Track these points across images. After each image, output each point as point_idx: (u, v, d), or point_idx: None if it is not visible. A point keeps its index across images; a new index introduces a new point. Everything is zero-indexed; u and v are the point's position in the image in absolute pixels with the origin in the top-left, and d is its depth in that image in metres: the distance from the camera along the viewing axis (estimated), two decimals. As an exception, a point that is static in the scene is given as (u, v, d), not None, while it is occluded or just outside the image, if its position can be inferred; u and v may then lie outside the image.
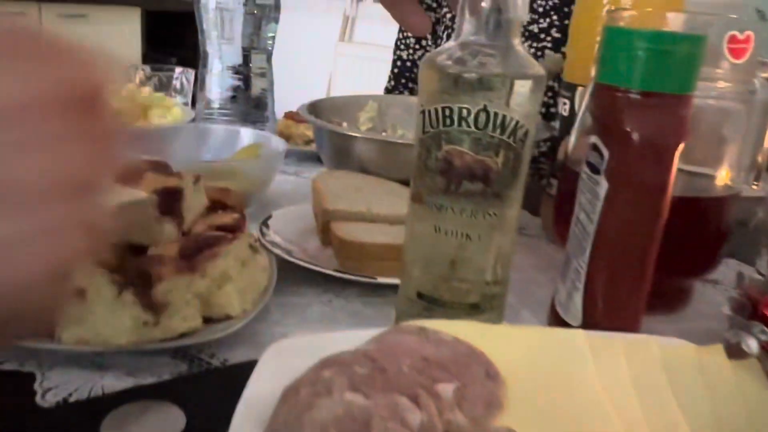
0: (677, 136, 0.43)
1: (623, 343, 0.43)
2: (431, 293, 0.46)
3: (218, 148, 0.77)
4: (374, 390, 0.36)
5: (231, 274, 0.45)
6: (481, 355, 0.41)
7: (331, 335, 0.43)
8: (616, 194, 0.45)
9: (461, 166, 0.43)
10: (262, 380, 0.38)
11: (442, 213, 0.44)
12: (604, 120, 0.45)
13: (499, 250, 0.46)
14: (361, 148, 0.70)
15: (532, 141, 0.44)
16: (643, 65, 0.43)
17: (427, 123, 0.43)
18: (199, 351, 0.45)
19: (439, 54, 0.43)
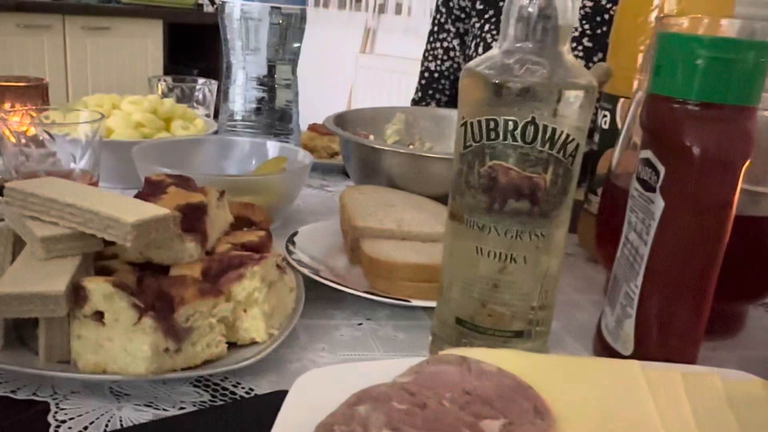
0: (741, 151, 0.40)
1: (682, 376, 0.39)
2: (471, 318, 0.43)
3: (242, 161, 0.75)
4: (414, 428, 0.33)
5: (257, 296, 0.42)
6: (529, 389, 0.38)
7: (365, 365, 0.40)
8: (673, 213, 0.41)
9: (506, 183, 0.40)
10: (292, 415, 0.35)
11: (485, 233, 0.41)
12: (659, 134, 0.42)
13: (546, 273, 0.42)
14: (389, 162, 0.67)
15: (581, 156, 0.41)
16: (703, 74, 0.39)
17: (469, 136, 0.40)
18: (222, 379, 0.42)
19: (482, 62, 0.40)
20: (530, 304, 0.43)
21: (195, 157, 0.73)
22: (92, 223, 0.41)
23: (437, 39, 1.18)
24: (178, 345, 0.38)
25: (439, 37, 1.17)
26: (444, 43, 1.16)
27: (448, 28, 1.15)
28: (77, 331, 0.38)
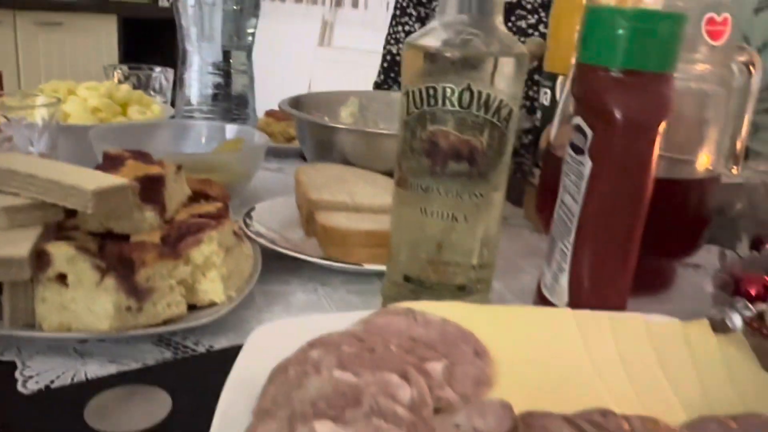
0: (659, 113, 0.44)
1: (610, 320, 0.43)
2: (418, 276, 0.46)
3: (200, 144, 0.77)
4: (363, 368, 0.36)
5: (215, 260, 0.45)
6: (469, 335, 0.41)
7: (318, 317, 0.43)
8: (600, 173, 0.45)
9: (446, 146, 0.43)
10: (249, 362, 0.37)
11: (428, 195, 0.44)
12: (587, 100, 0.46)
13: (486, 232, 0.46)
14: (343, 140, 0.69)
15: (516, 121, 0.44)
16: (624, 44, 0.43)
17: (411, 104, 0.43)
18: (183, 338, 0.44)
19: (422, 35, 0.43)
20: (471, 262, 0.46)
21: (152, 141, 0.74)
22: (53, 193, 0.42)
23: (399, 23, 1.21)
24: (140, 304, 0.41)
25: (401, 20, 1.20)
26: (406, 27, 1.19)
27: (410, 12, 1.19)
28: (41, 294, 0.40)
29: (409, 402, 0.34)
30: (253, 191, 0.77)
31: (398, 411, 0.32)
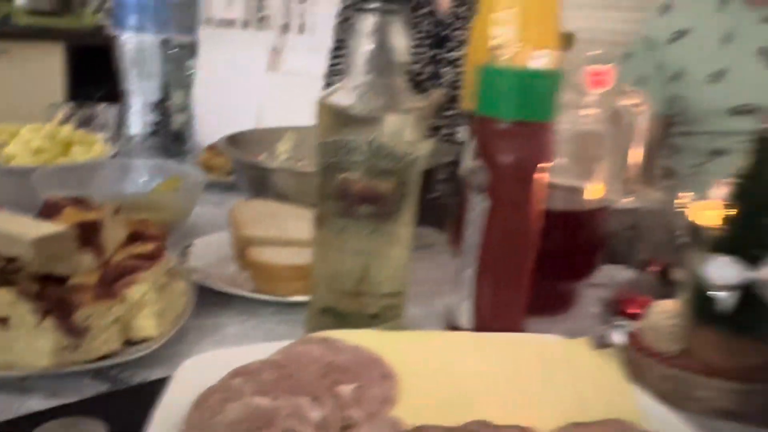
0: (540, 157, 0.50)
1: (504, 341, 0.49)
2: (336, 306, 0.51)
3: (141, 182, 0.80)
4: (280, 393, 0.41)
5: (148, 299, 0.49)
6: (378, 359, 0.46)
7: (243, 349, 0.47)
8: (494, 211, 0.51)
9: (356, 191, 0.48)
10: (177, 392, 0.41)
11: (342, 234, 0.49)
12: (482, 147, 0.52)
13: (395, 264, 0.51)
14: (275, 178, 0.74)
15: (419, 165, 0.50)
16: (510, 99, 0.49)
17: (324, 154, 0.49)
18: (119, 371, 0.48)
19: (333, 93, 0.49)
20: (382, 292, 0.51)
21: (94, 180, 0.78)
22: (-5, 241, 0.46)
23: (338, 56, 1.27)
24: (78, 342, 0.45)
25: (340, 53, 1.26)
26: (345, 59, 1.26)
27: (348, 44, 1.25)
28: (-16, 337, 0.44)
29: (318, 422, 0.39)
30: (194, 225, 0.81)
31: (306, 431, 0.37)
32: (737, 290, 0.46)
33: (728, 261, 0.46)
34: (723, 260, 0.46)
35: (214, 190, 0.98)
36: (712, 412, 0.49)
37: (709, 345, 0.50)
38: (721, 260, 0.46)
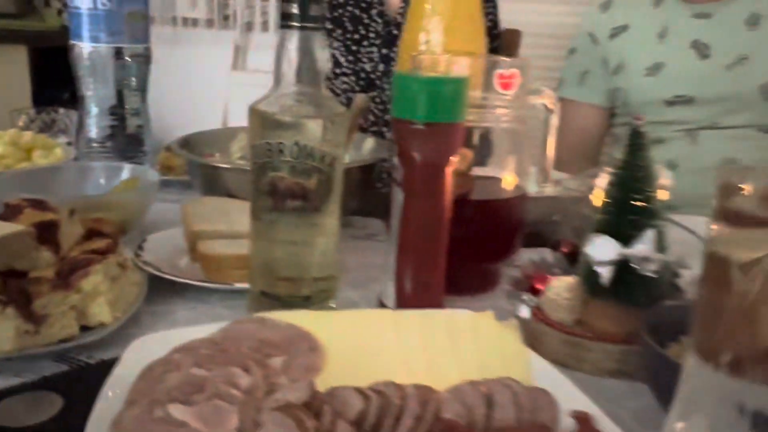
0: (449, 154, 0.57)
1: (420, 317, 0.55)
2: (271, 290, 0.58)
3: (100, 184, 0.86)
4: (215, 365, 0.47)
5: (102, 288, 0.55)
6: (307, 334, 0.53)
7: (187, 330, 0.53)
8: (409, 202, 0.57)
9: (284, 188, 0.54)
10: (127, 366, 0.47)
11: (274, 226, 0.56)
12: (398, 146, 0.58)
13: (323, 251, 0.57)
14: (225, 177, 0.80)
15: (341, 164, 0.56)
16: (421, 103, 0.56)
17: (255, 155, 0.55)
18: (77, 354, 0.54)
19: (261, 100, 0.55)
20: (313, 276, 0.58)
21: (55, 183, 0.83)
22: (-41, 241, 0.52)
23: None
24: (37, 328, 0.50)
25: None
26: None
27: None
28: (-48, 326, 0.49)
29: (246, 388, 0.45)
30: (152, 222, 0.87)
31: (234, 393, 0.43)
32: (614, 265, 0.53)
33: (606, 240, 0.53)
34: (602, 239, 0.53)
35: (172, 189, 1.03)
36: (601, 371, 0.56)
37: (597, 314, 0.57)
38: (601, 239, 0.53)
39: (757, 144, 1.21)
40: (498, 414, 0.44)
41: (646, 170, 0.53)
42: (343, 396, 0.44)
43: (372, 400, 0.43)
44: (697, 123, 1.24)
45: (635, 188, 0.53)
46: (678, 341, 0.51)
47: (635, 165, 0.53)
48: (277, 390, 0.45)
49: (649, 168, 0.53)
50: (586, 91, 1.37)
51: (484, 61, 0.66)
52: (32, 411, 0.44)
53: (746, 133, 1.21)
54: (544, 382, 0.49)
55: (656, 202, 0.53)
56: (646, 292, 0.54)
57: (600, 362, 0.56)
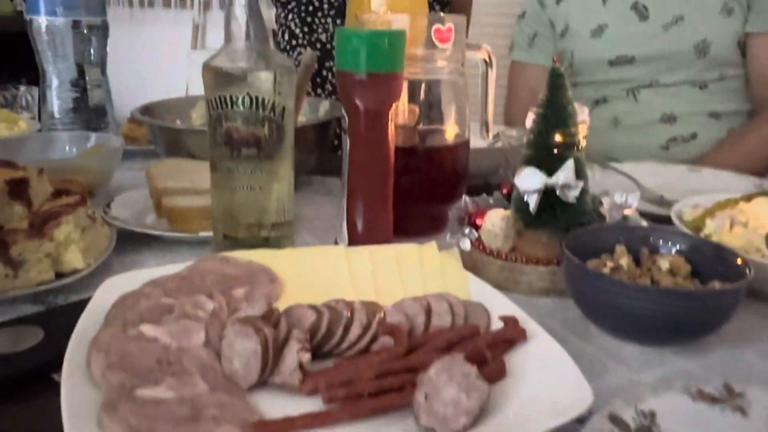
0: (390, 102, 0.62)
1: (370, 251, 0.61)
2: (233, 234, 0.62)
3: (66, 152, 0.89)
4: (182, 294, 0.52)
5: (74, 237, 0.59)
6: (267, 268, 0.58)
7: (155, 269, 0.58)
8: (355, 147, 0.63)
9: (238, 137, 0.59)
10: (101, 300, 0.52)
11: (231, 174, 0.60)
12: (342, 96, 0.63)
13: (279, 197, 0.62)
14: (186, 139, 0.84)
15: (291, 114, 0.61)
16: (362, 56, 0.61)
17: (211, 108, 0.59)
18: (54, 297, 0.58)
19: (214, 57, 0.59)
20: (270, 219, 0.63)
21: (22, 153, 0.86)
22: (-63, 197, 0.55)
23: None
24: (15, 272, 0.55)
25: None
26: None
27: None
28: (-64, 273, 0.53)
29: (210, 311, 0.50)
30: (119, 188, 0.90)
31: (201, 314, 0.49)
32: (540, 194, 0.59)
33: (532, 171, 0.59)
34: (529, 171, 0.59)
35: (136, 159, 1.07)
36: (535, 292, 0.62)
37: (529, 241, 0.63)
38: (527, 171, 0.59)
39: (692, 99, 1.28)
40: (435, 321, 0.50)
41: (566, 107, 0.59)
42: (297, 311, 0.49)
43: (324, 314, 0.49)
44: (638, 81, 1.30)
45: (556, 124, 0.59)
46: (598, 257, 0.57)
47: (556, 103, 0.59)
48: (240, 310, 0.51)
49: (569, 105, 0.59)
50: (536, 53, 1.42)
51: (423, 18, 0.71)
52: (15, 341, 0.49)
53: (682, 90, 1.28)
54: (482, 300, 0.55)
55: (576, 135, 0.59)
56: (569, 217, 0.60)
57: (533, 283, 0.62)
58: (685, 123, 1.26)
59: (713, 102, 1.26)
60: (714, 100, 1.26)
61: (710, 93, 1.26)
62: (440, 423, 0.39)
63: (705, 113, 1.26)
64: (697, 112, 1.26)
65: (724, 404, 0.42)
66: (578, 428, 0.40)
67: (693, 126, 1.25)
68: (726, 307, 0.50)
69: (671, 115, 1.27)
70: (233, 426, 0.38)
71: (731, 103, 1.27)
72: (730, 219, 0.65)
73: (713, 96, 1.26)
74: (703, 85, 1.26)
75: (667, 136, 1.26)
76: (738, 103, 1.28)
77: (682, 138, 1.26)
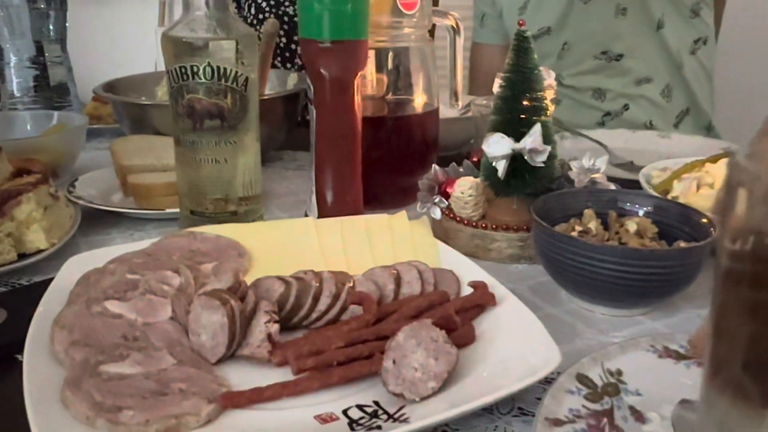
0: (356, 69, 0.61)
1: (340, 222, 0.60)
2: (200, 209, 0.61)
3: (28, 131, 0.87)
4: (147, 270, 0.51)
5: (35, 216, 0.58)
6: (235, 243, 0.57)
7: (120, 246, 0.57)
8: (321, 117, 0.62)
9: (201, 109, 0.58)
10: (65, 279, 0.51)
11: (195, 147, 0.59)
12: (307, 65, 0.62)
13: (245, 169, 0.62)
14: (151, 115, 0.83)
15: (255, 84, 0.60)
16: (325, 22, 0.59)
17: (172, 80, 0.58)
18: (18, 279, 0.57)
19: (173, 27, 0.58)
20: (237, 193, 0.62)
21: (-19, 133, 0.84)
22: None
23: None
24: (-25, 253, 0.53)
25: None
26: None
27: None
28: None
29: (177, 286, 0.49)
30: (84, 167, 0.88)
31: (166, 289, 0.48)
32: (508, 159, 0.59)
33: (499, 137, 0.58)
34: (497, 137, 0.59)
35: (102, 138, 1.05)
36: (505, 258, 0.62)
37: (499, 208, 0.63)
38: (495, 137, 0.59)
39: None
40: (405, 289, 0.50)
41: (532, 71, 0.58)
42: (265, 283, 0.49)
43: (292, 285, 0.48)
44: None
45: (523, 88, 0.58)
46: (567, 221, 0.57)
47: (522, 67, 0.58)
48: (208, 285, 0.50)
49: (535, 69, 0.58)
50: (486, 32, 1.41)
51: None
52: (-23, 323, 0.48)
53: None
54: (453, 267, 0.55)
55: (542, 99, 0.59)
56: (537, 181, 0.60)
57: (504, 250, 0.62)
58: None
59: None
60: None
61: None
62: (409, 388, 0.39)
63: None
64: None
65: (689, 360, 0.42)
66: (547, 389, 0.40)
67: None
68: (691, 266, 0.50)
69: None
70: (201, 398, 0.38)
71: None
72: (696, 181, 0.66)
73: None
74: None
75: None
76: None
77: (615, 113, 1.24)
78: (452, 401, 0.38)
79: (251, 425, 0.38)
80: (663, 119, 1.25)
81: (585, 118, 1.25)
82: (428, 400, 0.39)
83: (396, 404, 0.39)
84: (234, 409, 0.39)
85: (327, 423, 0.38)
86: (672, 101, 1.26)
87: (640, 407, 0.38)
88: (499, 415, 0.41)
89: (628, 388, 0.40)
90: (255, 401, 0.39)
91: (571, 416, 0.37)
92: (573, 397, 0.38)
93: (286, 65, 1.34)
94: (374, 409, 0.39)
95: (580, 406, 0.38)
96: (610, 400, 0.39)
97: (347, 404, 0.39)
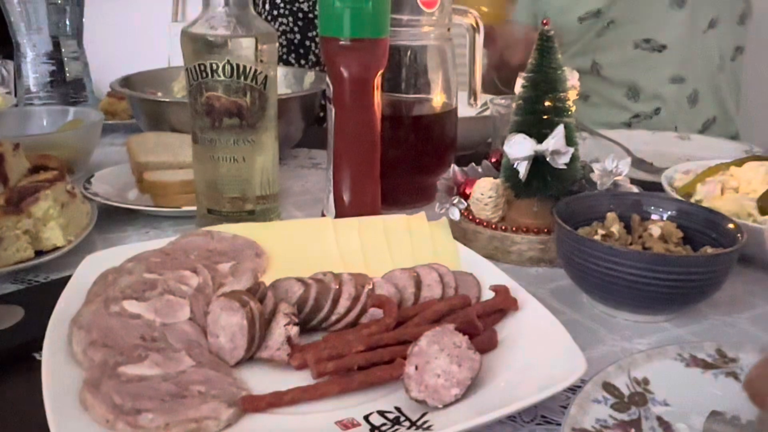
0: (376, 68, 0.60)
1: (358, 222, 0.60)
2: (217, 208, 0.61)
3: (44, 127, 0.87)
4: (166, 270, 0.51)
5: (52, 213, 0.57)
6: (253, 243, 0.57)
7: (137, 245, 0.57)
8: (340, 116, 0.61)
9: (220, 107, 0.57)
10: (82, 277, 0.51)
11: (213, 145, 0.59)
12: (327, 63, 0.61)
13: (263, 168, 0.61)
14: (168, 111, 0.82)
15: (274, 82, 0.59)
16: (345, 20, 0.59)
17: (190, 77, 0.57)
18: (35, 275, 0.57)
19: (192, 24, 0.57)
20: (255, 192, 0.61)
21: None
22: None
23: None
24: (-7, 250, 0.53)
25: None
26: None
27: None
28: None
29: (195, 286, 0.49)
30: (99, 163, 0.88)
31: (184, 289, 0.47)
32: (530, 161, 0.58)
33: (521, 138, 0.57)
34: (518, 138, 0.58)
35: (117, 133, 1.04)
36: (525, 261, 0.61)
37: (519, 210, 0.62)
38: (517, 138, 0.58)
39: None
40: (426, 292, 0.49)
41: (555, 72, 0.57)
42: (284, 284, 0.48)
43: (311, 286, 0.47)
44: None
45: (546, 89, 0.57)
46: (589, 225, 0.56)
47: (545, 67, 0.57)
48: (226, 285, 0.49)
49: (558, 69, 0.58)
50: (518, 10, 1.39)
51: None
52: (-4, 320, 0.48)
53: None
54: (473, 270, 0.54)
55: (565, 100, 0.58)
56: (559, 184, 0.59)
57: (524, 253, 0.61)
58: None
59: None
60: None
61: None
62: (431, 394, 0.38)
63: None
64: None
65: (717, 370, 0.41)
66: (571, 397, 0.39)
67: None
68: (718, 273, 0.49)
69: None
70: (220, 402, 0.38)
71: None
72: (721, 184, 0.65)
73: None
74: None
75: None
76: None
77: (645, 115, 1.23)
78: (476, 409, 0.38)
79: (271, 430, 0.37)
80: (689, 126, 1.23)
81: (613, 118, 1.24)
82: (451, 408, 0.38)
83: (418, 411, 0.38)
84: (253, 413, 0.38)
85: (348, 429, 0.37)
86: (697, 107, 1.24)
87: (668, 418, 0.38)
88: (522, 423, 0.41)
89: (655, 398, 0.39)
90: (275, 405, 0.39)
91: (599, 426, 0.36)
92: (600, 407, 0.37)
93: (300, 62, 1.34)
94: (396, 415, 0.38)
95: (607, 416, 0.37)
96: (637, 410, 0.38)
97: (368, 410, 0.39)
